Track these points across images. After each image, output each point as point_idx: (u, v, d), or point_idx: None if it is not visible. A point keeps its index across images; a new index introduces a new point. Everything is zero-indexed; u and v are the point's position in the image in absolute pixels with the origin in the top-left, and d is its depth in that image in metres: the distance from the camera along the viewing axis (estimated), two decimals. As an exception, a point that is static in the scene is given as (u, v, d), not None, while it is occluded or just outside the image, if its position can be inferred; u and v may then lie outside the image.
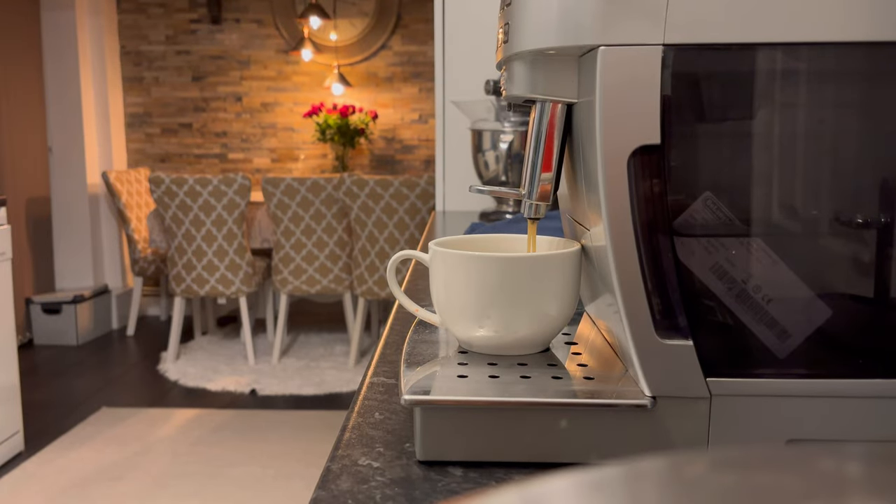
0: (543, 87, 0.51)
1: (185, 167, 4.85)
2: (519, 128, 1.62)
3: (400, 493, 0.44)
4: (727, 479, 0.17)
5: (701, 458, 0.18)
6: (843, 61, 0.44)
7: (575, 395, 0.47)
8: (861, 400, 0.45)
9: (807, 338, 0.45)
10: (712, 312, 0.45)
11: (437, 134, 1.97)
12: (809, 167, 0.45)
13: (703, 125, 0.45)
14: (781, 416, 0.46)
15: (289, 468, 2.63)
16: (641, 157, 0.43)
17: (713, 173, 0.46)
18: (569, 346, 0.58)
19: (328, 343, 4.09)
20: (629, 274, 0.44)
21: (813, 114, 0.45)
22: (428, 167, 4.99)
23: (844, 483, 0.17)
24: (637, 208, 0.44)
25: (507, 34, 0.51)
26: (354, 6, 4.92)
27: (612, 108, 0.43)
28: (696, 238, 0.45)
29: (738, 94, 0.44)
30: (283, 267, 3.59)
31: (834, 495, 0.16)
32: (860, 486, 0.17)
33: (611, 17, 0.43)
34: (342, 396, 3.35)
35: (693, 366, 0.45)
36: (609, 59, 0.43)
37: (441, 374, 0.51)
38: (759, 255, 0.45)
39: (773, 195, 0.45)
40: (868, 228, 0.45)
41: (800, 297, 0.45)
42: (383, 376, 0.63)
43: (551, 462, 0.47)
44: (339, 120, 4.71)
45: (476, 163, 1.72)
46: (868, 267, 0.45)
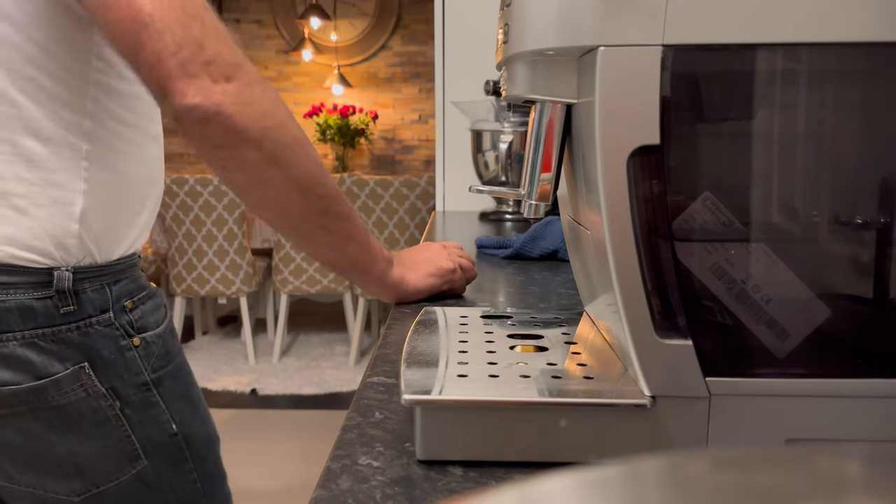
0: (543, 87, 0.51)
1: (186, 167, 4.85)
2: (519, 128, 1.62)
3: (400, 492, 0.44)
4: (726, 478, 0.17)
5: (700, 458, 0.18)
6: (843, 61, 0.44)
7: (575, 394, 0.47)
8: (860, 400, 0.45)
9: (806, 338, 0.45)
10: (712, 312, 0.45)
11: (437, 134, 1.97)
12: (809, 167, 0.45)
13: (703, 125, 0.45)
14: (781, 416, 0.46)
15: (289, 468, 2.64)
16: (641, 157, 0.43)
17: (712, 173, 0.46)
18: (569, 345, 0.58)
19: (328, 343, 4.10)
20: (629, 274, 0.44)
21: (812, 114, 0.45)
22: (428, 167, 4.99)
23: (844, 483, 0.17)
24: (636, 208, 0.44)
25: (506, 35, 0.51)
26: (354, 7, 4.92)
27: (611, 108, 0.43)
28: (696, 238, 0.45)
29: (737, 94, 0.44)
30: (284, 267, 3.59)
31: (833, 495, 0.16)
32: (860, 485, 0.17)
33: (610, 18, 0.43)
34: (342, 396, 3.35)
35: (692, 365, 0.45)
36: (608, 59, 0.43)
37: (441, 373, 0.51)
38: (758, 255, 0.45)
39: (772, 195, 0.45)
40: (867, 229, 0.45)
41: (799, 297, 0.45)
42: (383, 376, 0.63)
43: (551, 462, 0.48)
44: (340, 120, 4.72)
45: (476, 163, 1.72)
46: (867, 267, 0.45)
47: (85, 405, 0.79)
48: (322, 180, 0.74)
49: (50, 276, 0.77)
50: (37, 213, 0.76)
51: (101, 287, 0.81)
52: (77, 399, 0.79)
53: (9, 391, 0.77)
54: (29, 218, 0.76)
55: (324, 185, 0.74)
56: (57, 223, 0.77)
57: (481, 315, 0.67)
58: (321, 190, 0.73)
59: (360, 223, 0.78)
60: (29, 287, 0.76)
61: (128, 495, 0.84)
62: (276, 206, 0.73)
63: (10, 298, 0.76)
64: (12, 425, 0.79)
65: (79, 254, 0.79)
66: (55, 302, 0.77)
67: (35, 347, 0.77)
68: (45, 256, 0.77)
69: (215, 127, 0.66)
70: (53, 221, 0.77)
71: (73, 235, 0.78)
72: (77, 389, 0.79)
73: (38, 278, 0.77)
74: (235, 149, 0.68)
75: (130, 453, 0.83)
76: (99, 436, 0.81)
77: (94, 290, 0.80)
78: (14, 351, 0.76)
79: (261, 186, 0.71)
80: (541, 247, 1.17)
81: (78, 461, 0.81)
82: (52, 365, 0.77)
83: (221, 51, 0.67)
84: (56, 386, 0.78)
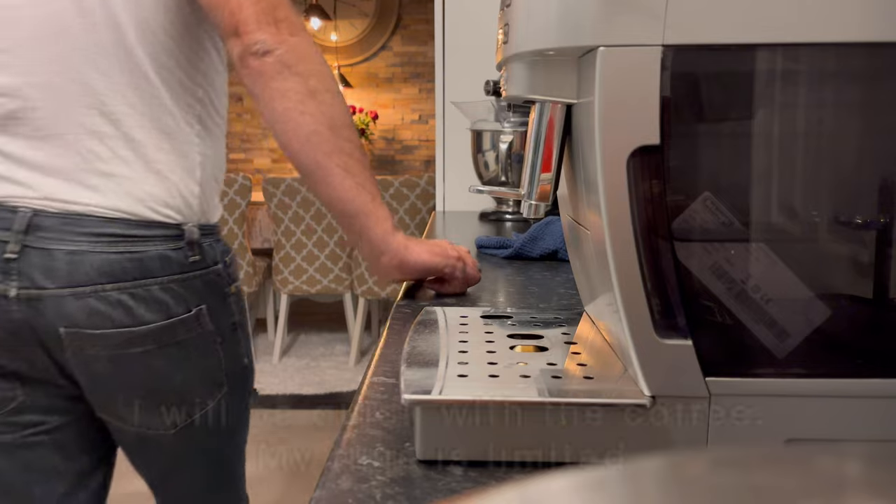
0: (543, 87, 0.51)
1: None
2: (519, 128, 1.62)
3: (400, 492, 0.44)
4: (726, 478, 0.17)
5: (700, 458, 0.18)
6: (843, 61, 0.44)
7: (575, 394, 0.47)
8: (860, 400, 0.45)
9: (806, 338, 0.45)
10: (711, 312, 0.45)
11: (437, 134, 1.97)
12: (809, 167, 0.45)
13: (703, 125, 0.45)
14: (781, 416, 0.46)
15: (289, 467, 2.64)
16: (641, 157, 0.43)
17: (712, 174, 0.46)
18: (569, 345, 0.58)
19: (329, 342, 4.10)
20: (629, 274, 0.44)
21: (812, 114, 0.45)
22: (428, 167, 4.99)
23: (843, 483, 0.17)
24: (636, 208, 0.44)
25: (506, 35, 0.51)
26: (355, 7, 4.92)
27: (611, 108, 0.43)
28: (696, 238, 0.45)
29: (737, 94, 0.44)
30: (284, 267, 3.59)
31: (833, 495, 0.16)
32: (859, 485, 0.17)
33: (610, 18, 0.43)
34: (342, 396, 3.35)
35: (692, 365, 0.45)
36: (608, 59, 0.43)
37: (441, 373, 0.51)
38: (758, 255, 0.45)
39: (772, 195, 0.45)
40: (867, 229, 0.45)
41: (799, 297, 0.45)
42: (383, 376, 0.63)
43: (551, 462, 0.48)
44: (340, 120, 4.70)
45: (476, 163, 1.72)
46: (867, 267, 0.45)
47: (199, 340, 0.96)
48: (350, 127, 0.87)
49: (181, 231, 0.94)
50: (171, 177, 0.93)
51: (211, 243, 0.98)
52: (195, 335, 0.96)
53: (147, 329, 0.92)
54: (166, 181, 0.92)
55: (351, 131, 0.87)
56: (185, 186, 0.94)
57: (481, 315, 0.67)
58: (348, 133, 0.86)
59: (375, 182, 0.87)
60: (166, 239, 0.92)
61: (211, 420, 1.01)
62: (307, 136, 0.84)
63: (151, 249, 0.91)
64: (141, 362, 0.93)
65: (198, 213, 0.96)
66: (185, 252, 0.94)
67: (169, 291, 0.93)
68: (177, 213, 0.93)
69: (272, 59, 0.83)
70: (183, 184, 0.94)
71: (195, 197, 0.96)
72: (195, 327, 0.96)
73: (172, 232, 0.93)
74: (285, 80, 0.83)
75: (218, 381, 1.01)
76: (203, 367, 0.98)
77: (209, 245, 0.97)
78: (154, 294, 0.91)
79: (298, 116, 0.84)
80: (541, 247, 1.17)
81: (184, 393, 0.97)
82: (180, 306, 0.94)
83: (289, 15, 0.85)
84: (182, 324, 0.94)
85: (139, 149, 0.91)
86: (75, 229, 0.88)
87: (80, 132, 0.89)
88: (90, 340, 0.90)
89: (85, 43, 0.88)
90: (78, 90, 0.88)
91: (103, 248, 0.89)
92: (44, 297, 0.88)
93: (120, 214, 0.90)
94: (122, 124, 0.90)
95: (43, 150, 0.89)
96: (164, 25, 0.90)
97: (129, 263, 0.90)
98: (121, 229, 0.90)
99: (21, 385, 0.95)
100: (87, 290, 0.89)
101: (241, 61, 0.85)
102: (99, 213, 0.89)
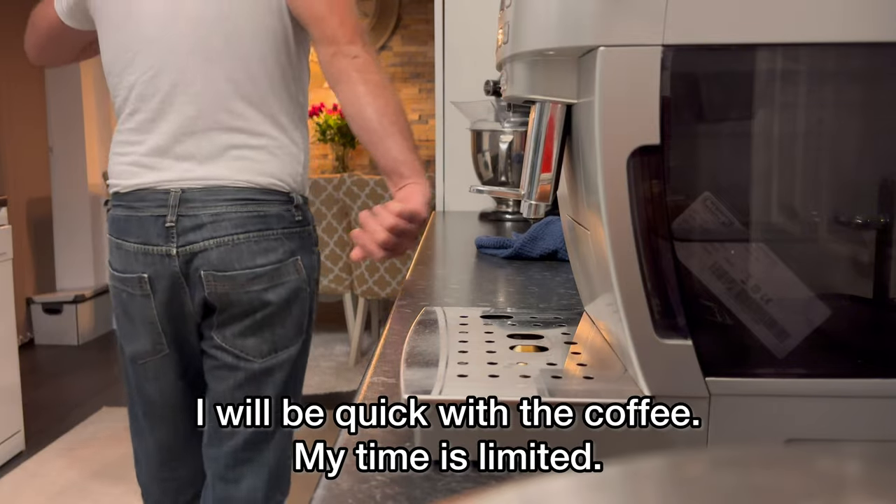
0: (543, 87, 0.51)
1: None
2: (519, 128, 1.62)
3: (400, 492, 0.44)
4: (726, 478, 0.17)
5: (700, 458, 0.18)
6: (843, 61, 0.44)
7: (575, 394, 0.47)
8: (860, 400, 0.45)
9: (806, 338, 0.45)
10: (711, 312, 0.45)
11: (437, 134, 1.97)
12: (809, 167, 0.45)
13: (703, 125, 0.45)
14: (781, 416, 0.46)
15: (289, 468, 2.63)
16: (641, 157, 0.43)
17: (712, 174, 0.46)
18: (569, 345, 0.58)
19: (328, 343, 4.10)
20: (629, 274, 0.44)
21: (812, 114, 0.45)
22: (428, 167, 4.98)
23: (843, 483, 0.17)
24: (636, 208, 0.44)
25: (506, 35, 0.51)
26: (354, 6, 4.91)
27: (611, 108, 0.43)
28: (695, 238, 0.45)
29: (737, 94, 0.44)
30: (284, 267, 3.59)
31: (833, 495, 0.16)
32: (859, 486, 0.17)
33: (610, 18, 0.43)
34: (342, 396, 3.35)
35: (692, 365, 0.45)
36: (609, 59, 0.43)
37: (441, 373, 0.51)
38: (758, 255, 0.45)
39: (772, 195, 0.45)
40: (867, 229, 0.45)
41: (799, 298, 0.45)
42: (383, 376, 0.63)
43: (551, 462, 0.47)
44: (340, 120, 4.71)
45: (476, 163, 1.72)
46: (867, 267, 0.45)
47: (296, 285, 1.29)
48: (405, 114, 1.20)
49: (289, 198, 1.29)
50: (283, 159, 1.27)
51: (307, 210, 1.34)
52: (295, 279, 1.29)
53: (271, 268, 1.26)
54: (279, 161, 1.27)
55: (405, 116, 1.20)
56: (293, 166, 1.29)
57: (481, 315, 0.67)
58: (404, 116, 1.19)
59: (417, 151, 1.19)
60: (281, 202, 1.27)
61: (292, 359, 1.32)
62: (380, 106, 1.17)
63: (272, 208, 1.26)
64: (264, 297, 1.26)
65: (300, 187, 1.31)
66: (293, 213, 1.29)
67: (281, 241, 1.27)
68: (287, 185, 1.28)
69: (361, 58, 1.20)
70: (291, 165, 1.29)
71: (299, 175, 1.30)
72: (294, 272, 1.29)
73: (284, 198, 1.28)
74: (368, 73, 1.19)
75: (303, 327, 1.33)
76: (298, 311, 1.31)
77: (306, 210, 1.33)
78: (272, 242, 1.26)
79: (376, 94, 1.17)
80: (541, 247, 1.17)
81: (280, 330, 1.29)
82: (287, 254, 1.28)
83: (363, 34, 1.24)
84: (286, 268, 1.28)
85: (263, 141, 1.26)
86: (217, 197, 1.23)
87: (219, 128, 1.24)
88: (222, 280, 1.24)
89: (231, 56, 1.24)
90: (224, 91, 1.23)
91: (237, 208, 1.23)
92: (195, 250, 1.23)
93: (249, 184, 1.24)
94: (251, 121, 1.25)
95: (190, 142, 1.24)
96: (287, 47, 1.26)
97: (257, 217, 1.24)
98: (250, 195, 1.24)
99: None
100: (226, 240, 1.23)
101: (333, 58, 1.20)
102: (233, 184, 1.23)
